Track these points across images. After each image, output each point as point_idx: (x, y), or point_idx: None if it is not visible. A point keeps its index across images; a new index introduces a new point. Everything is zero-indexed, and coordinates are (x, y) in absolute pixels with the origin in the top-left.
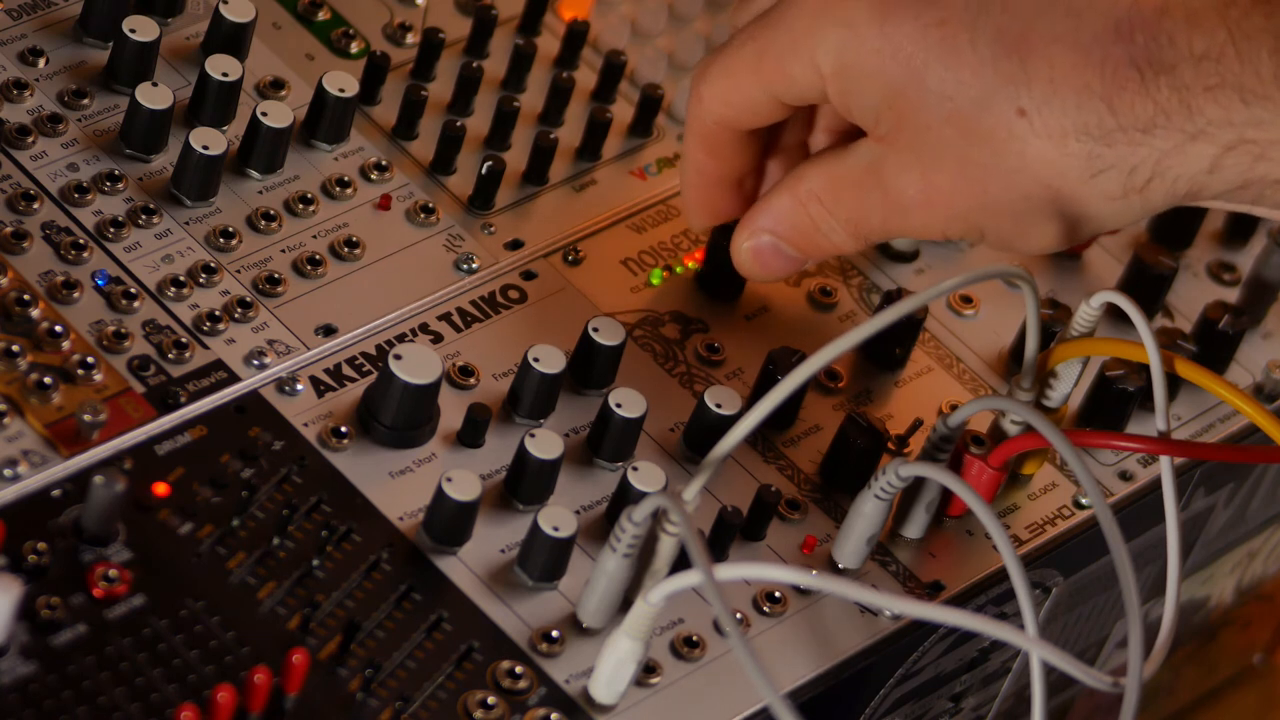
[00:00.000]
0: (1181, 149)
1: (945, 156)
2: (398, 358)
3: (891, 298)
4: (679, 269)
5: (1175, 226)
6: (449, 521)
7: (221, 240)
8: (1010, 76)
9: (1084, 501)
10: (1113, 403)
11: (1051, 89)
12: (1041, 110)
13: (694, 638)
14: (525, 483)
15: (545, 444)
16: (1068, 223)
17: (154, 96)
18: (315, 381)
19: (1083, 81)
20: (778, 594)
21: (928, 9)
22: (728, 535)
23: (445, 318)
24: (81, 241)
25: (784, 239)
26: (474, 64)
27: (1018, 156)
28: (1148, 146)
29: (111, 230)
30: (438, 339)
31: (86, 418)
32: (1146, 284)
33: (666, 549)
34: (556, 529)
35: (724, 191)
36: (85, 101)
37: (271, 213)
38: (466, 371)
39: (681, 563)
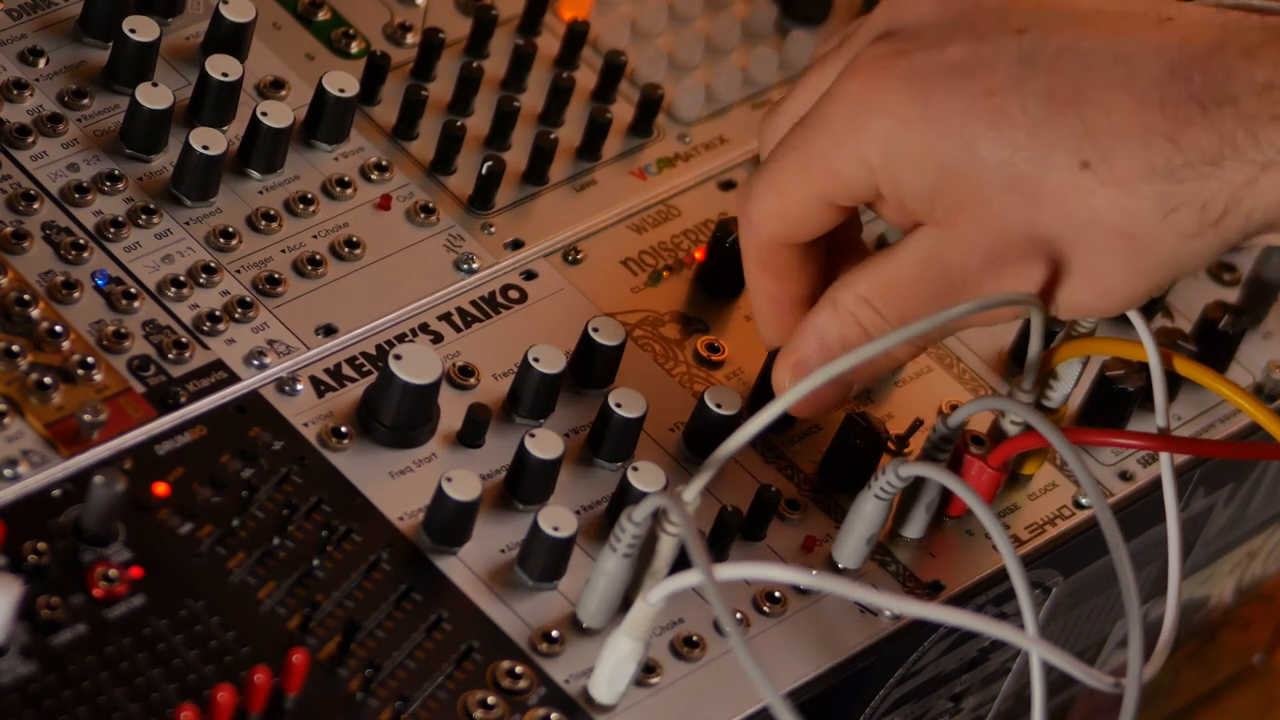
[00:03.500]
0: (1253, 181)
1: (1011, 227)
2: (398, 358)
3: None
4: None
5: None
6: (449, 521)
7: (221, 240)
8: (1069, 131)
9: (1084, 501)
10: (1113, 402)
11: (1113, 136)
12: (1106, 158)
13: (694, 638)
14: (525, 483)
15: (545, 444)
16: (1145, 272)
17: (154, 96)
18: (315, 381)
19: (1144, 123)
20: (778, 594)
21: (970, 82)
22: (728, 535)
23: (445, 318)
24: (81, 241)
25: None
26: (474, 64)
27: (1086, 210)
28: (1218, 179)
29: (111, 230)
30: (438, 339)
31: (86, 418)
32: None
33: (666, 549)
34: (556, 529)
35: (797, 310)
36: (85, 101)
37: (271, 213)
38: (466, 371)
39: (681, 563)
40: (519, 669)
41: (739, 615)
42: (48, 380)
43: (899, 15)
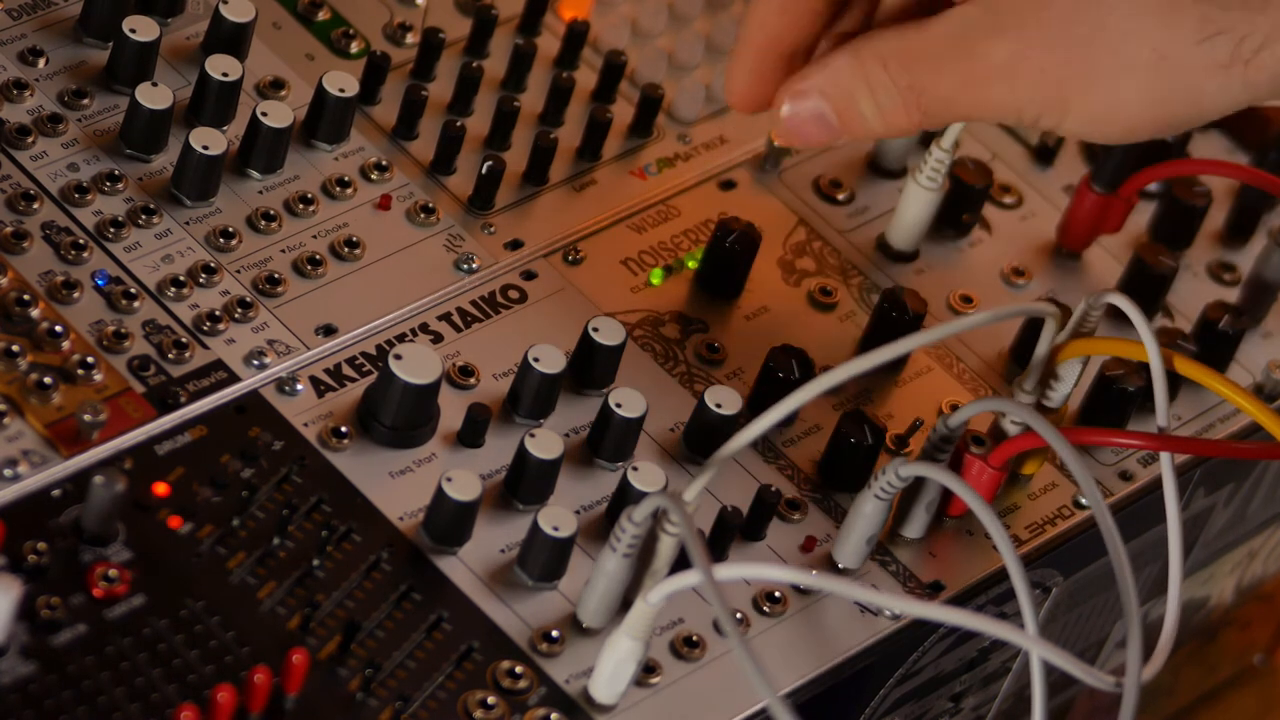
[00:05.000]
0: None
1: (1048, 18)
2: (398, 358)
3: (892, 296)
4: (690, 262)
5: (1175, 226)
6: (449, 521)
7: (221, 240)
8: None
9: (1084, 501)
10: (1113, 402)
11: None
12: None
13: (694, 638)
14: (525, 483)
15: (545, 444)
16: (1165, 97)
17: (154, 96)
18: (315, 381)
19: None
20: (778, 594)
21: None
22: (728, 535)
23: (445, 318)
24: (81, 241)
25: (830, 102)
26: (474, 64)
27: (1129, 17)
28: (1265, 15)
29: (111, 230)
30: (438, 339)
31: (86, 418)
32: (1146, 284)
33: (666, 549)
34: (556, 529)
35: (779, 62)
36: (85, 101)
37: (271, 213)
38: (466, 371)
39: (681, 563)
40: (519, 669)
41: (739, 615)
42: (48, 380)
43: None
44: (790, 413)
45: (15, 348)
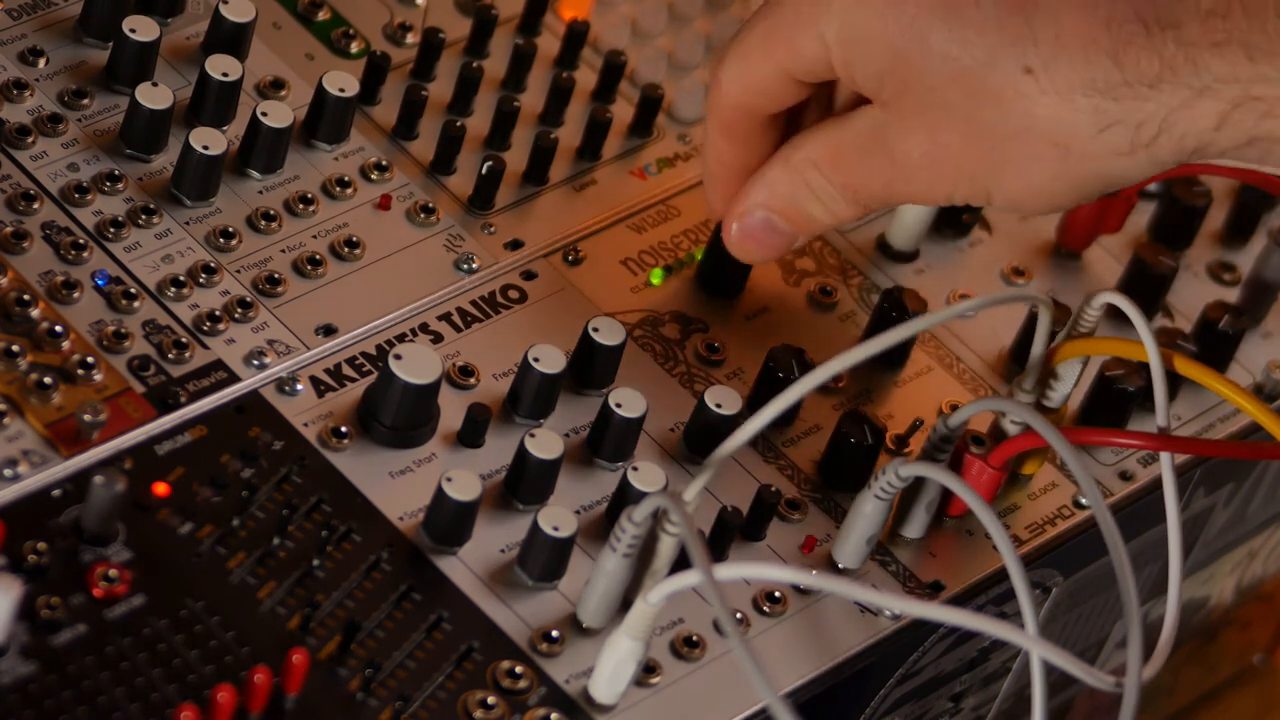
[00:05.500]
0: (1189, 105)
1: (952, 118)
2: (398, 358)
3: (892, 296)
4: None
5: (1175, 226)
6: (449, 521)
7: (221, 240)
8: (1016, 35)
9: (1084, 501)
10: (1113, 402)
11: (1058, 45)
12: (1048, 67)
13: (694, 638)
14: (525, 483)
15: (545, 444)
16: (1076, 181)
17: (154, 96)
18: (315, 381)
19: (1090, 37)
20: (778, 594)
21: None
22: (728, 535)
23: (445, 318)
24: (81, 241)
25: (777, 212)
26: (474, 64)
27: (1025, 115)
28: (1154, 102)
29: (111, 230)
30: (438, 339)
31: (86, 418)
32: (1146, 284)
33: (666, 549)
34: (556, 529)
35: (745, 181)
36: (85, 101)
37: (271, 213)
38: (466, 371)
39: (681, 563)
40: (519, 669)
41: (739, 615)
42: (48, 380)
43: None
44: (786, 408)
45: (15, 348)
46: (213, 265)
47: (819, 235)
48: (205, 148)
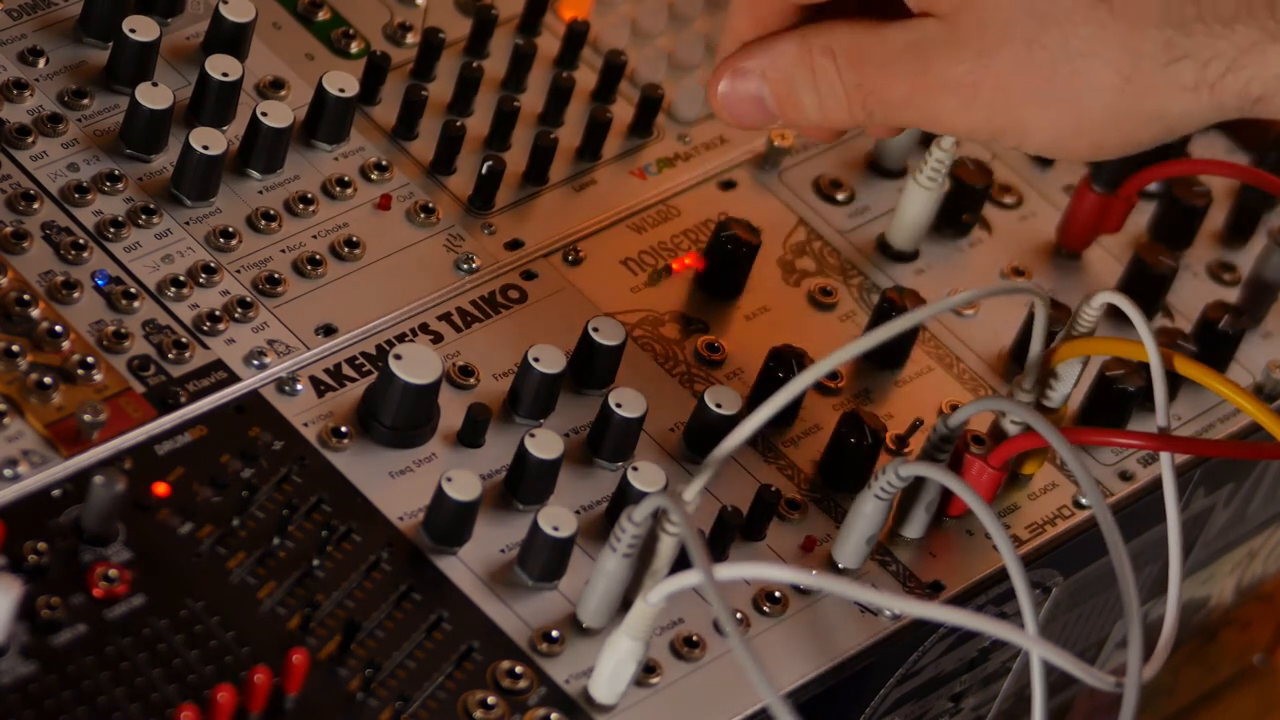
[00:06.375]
0: (1261, 48)
1: (1011, 40)
2: (398, 358)
3: (891, 296)
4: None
5: (1175, 226)
6: (449, 521)
7: (221, 240)
8: None
9: (1084, 501)
10: (1113, 402)
11: None
12: None
13: (694, 638)
14: (525, 483)
15: (545, 444)
16: (1128, 119)
17: (154, 96)
18: (315, 381)
19: None
20: (778, 594)
21: None
22: (728, 535)
23: (445, 318)
24: (81, 241)
25: (770, 85)
26: (474, 64)
27: (1092, 40)
28: (1227, 40)
29: (111, 230)
30: (438, 339)
31: (86, 418)
32: (1146, 284)
33: (666, 549)
34: (556, 529)
35: None
36: (85, 101)
37: (271, 213)
38: (466, 371)
39: (681, 563)
40: (519, 669)
41: (739, 615)
42: (48, 380)
43: None
44: (785, 406)
45: (15, 348)
46: (213, 265)
47: (798, 126)
48: (205, 148)
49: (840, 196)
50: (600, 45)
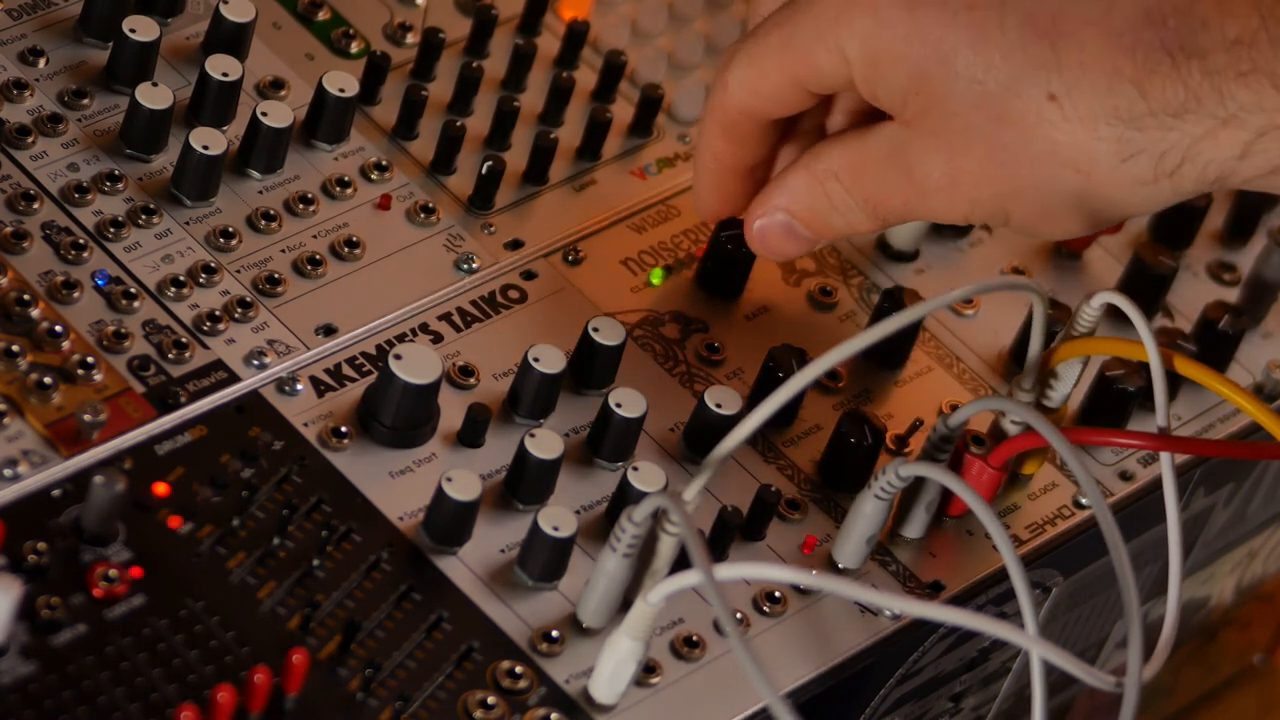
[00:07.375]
0: (1213, 134)
1: (973, 141)
2: (398, 358)
3: (892, 296)
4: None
5: (1175, 226)
6: (449, 521)
7: (221, 240)
8: (1040, 61)
9: (1084, 501)
10: (1113, 402)
11: (1082, 73)
12: (1072, 94)
13: (694, 638)
14: (525, 483)
15: (545, 444)
16: (1095, 208)
17: (154, 96)
18: (315, 381)
19: (1113, 65)
20: (778, 594)
21: None
22: (728, 535)
23: (445, 318)
24: (81, 241)
25: (798, 218)
26: (474, 64)
27: (1047, 141)
28: (1179, 131)
29: (111, 230)
30: (438, 339)
31: (86, 418)
32: (1146, 284)
33: (666, 549)
34: (556, 529)
35: (738, 180)
36: (85, 101)
37: (271, 213)
38: (466, 371)
39: (681, 563)
40: (519, 669)
41: (739, 615)
42: (48, 380)
43: None
44: (784, 404)
45: (15, 348)
46: (213, 265)
47: (836, 240)
48: (205, 148)
49: None
50: (600, 45)
